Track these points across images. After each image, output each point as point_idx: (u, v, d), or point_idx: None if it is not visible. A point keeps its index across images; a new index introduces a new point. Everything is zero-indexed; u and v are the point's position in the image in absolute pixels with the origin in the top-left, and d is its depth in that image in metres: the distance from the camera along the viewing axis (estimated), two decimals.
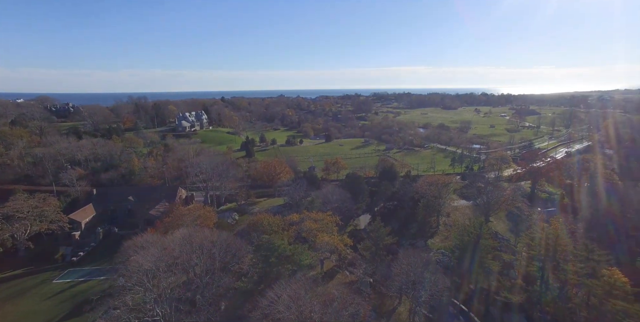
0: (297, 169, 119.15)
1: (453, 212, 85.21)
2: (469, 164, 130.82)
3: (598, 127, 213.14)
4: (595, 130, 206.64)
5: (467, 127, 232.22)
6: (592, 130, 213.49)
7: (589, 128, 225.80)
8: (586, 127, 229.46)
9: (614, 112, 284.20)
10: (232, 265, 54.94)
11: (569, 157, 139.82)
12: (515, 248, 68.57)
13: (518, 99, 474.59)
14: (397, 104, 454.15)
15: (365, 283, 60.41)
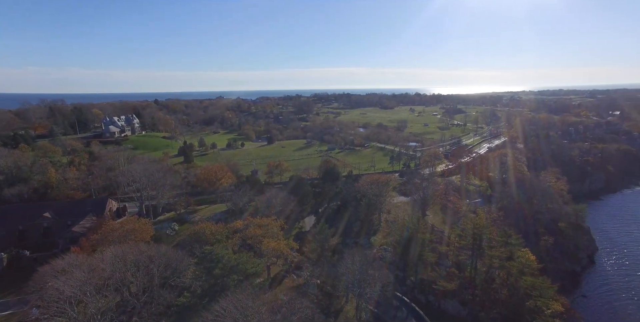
0: (239, 173, 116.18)
1: (393, 209, 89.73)
2: (406, 162, 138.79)
3: (511, 124, 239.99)
4: (509, 127, 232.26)
5: (404, 126, 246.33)
6: (506, 127, 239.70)
7: (505, 125, 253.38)
8: (503, 125, 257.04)
9: (522, 111, 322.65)
10: (172, 280, 51.79)
11: (490, 152, 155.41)
12: (449, 239, 74.26)
13: (447, 98, 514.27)
14: (337, 104, 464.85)
15: (313, 285, 60.97)
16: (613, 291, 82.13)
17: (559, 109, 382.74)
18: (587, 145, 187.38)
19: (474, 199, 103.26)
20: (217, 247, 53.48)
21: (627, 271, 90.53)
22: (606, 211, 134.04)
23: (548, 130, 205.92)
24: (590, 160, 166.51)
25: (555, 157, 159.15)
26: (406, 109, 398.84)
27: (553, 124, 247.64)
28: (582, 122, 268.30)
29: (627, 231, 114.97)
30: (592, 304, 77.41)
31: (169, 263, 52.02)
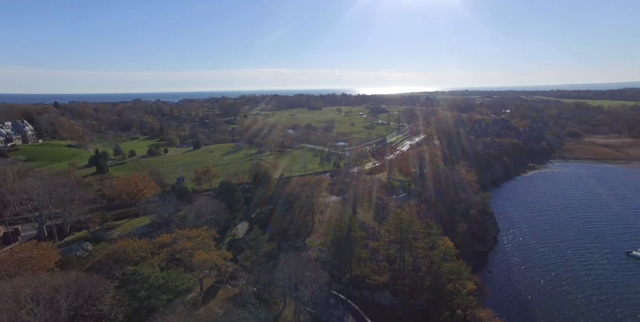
0: (163, 182, 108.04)
1: (326, 209, 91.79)
2: (336, 161, 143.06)
3: (428, 123, 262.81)
4: (426, 125, 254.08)
5: (332, 126, 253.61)
6: (424, 125, 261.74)
7: (423, 123, 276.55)
8: (421, 123, 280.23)
9: (437, 110, 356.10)
10: (86, 309, 45.97)
11: (412, 149, 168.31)
12: (379, 235, 78.51)
13: (371, 99, 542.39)
14: (265, 105, 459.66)
15: (249, 294, 59.44)
16: (511, 264, 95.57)
17: (466, 107, 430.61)
18: (488, 140, 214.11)
19: (399, 194, 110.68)
20: (142, 266, 48.98)
21: (520, 245, 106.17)
22: (504, 196, 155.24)
23: (458, 127, 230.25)
24: (492, 153, 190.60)
25: (465, 151, 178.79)
26: (334, 109, 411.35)
27: (462, 121, 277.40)
28: (484, 119, 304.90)
29: (519, 211, 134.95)
30: (496, 278, 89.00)
31: (81, 290, 46.05)
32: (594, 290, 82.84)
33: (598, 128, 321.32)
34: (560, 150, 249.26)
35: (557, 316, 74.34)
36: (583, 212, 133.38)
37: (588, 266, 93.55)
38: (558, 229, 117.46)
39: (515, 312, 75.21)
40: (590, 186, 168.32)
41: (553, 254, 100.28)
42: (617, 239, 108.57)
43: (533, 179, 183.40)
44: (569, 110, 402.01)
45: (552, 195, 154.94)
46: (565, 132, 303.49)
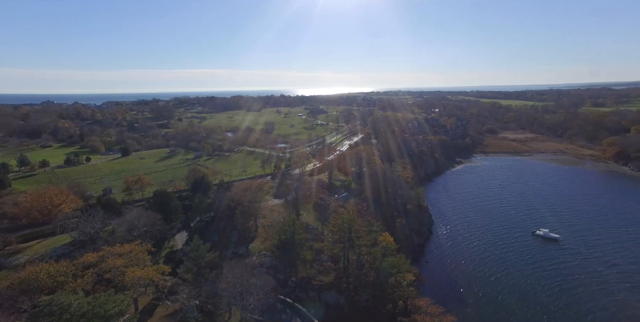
0: (86, 194, 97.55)
1: (269, 213, 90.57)
2: (277, 164, 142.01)
3: (366, 122, 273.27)
4: (364, 125, 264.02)
5: (271, 128, 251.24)
6: (362, 125, 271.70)
7: (361, 123, 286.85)
8: (359, 123, 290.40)
9: (373, 109, 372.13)
10: None
11: (351, 149, 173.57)
12: (322, 235, 79.59)
13: (310, 99, 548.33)
14: (201, 108, 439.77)
15: (191, 308, 56.30)
16: (444, 252, 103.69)
17: (400, 107, 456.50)
18: (421, 138, 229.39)
19: (341, 194, 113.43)
20: (61, 294, 43.48)
21: (451, 234, 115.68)
22: (436, 189, 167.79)
23: (394, 127, 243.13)
24: (424, 150, 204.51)
25: (400, 149, 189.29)
26: (273, 110, 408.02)
27: (397, 120, 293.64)
28: (416, 118, 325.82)
29: (449, 202, 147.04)
30: (432, 267, 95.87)
31: None
32: (509, 267, 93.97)
33: (509, 125, 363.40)
34: (481, 145, 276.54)
35: (483, 294, 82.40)
36: (499, 199, 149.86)
37: (503, 247, 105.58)
38: (480, 216, 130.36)
39: (449, 296, 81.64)
40: (504, 176, 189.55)
41: (477, 239, 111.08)
42: (525, 221, 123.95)
43: (460, 173, 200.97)
44: (487, 109, 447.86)
45: (475, 186, 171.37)
46: (484, 128, 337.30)
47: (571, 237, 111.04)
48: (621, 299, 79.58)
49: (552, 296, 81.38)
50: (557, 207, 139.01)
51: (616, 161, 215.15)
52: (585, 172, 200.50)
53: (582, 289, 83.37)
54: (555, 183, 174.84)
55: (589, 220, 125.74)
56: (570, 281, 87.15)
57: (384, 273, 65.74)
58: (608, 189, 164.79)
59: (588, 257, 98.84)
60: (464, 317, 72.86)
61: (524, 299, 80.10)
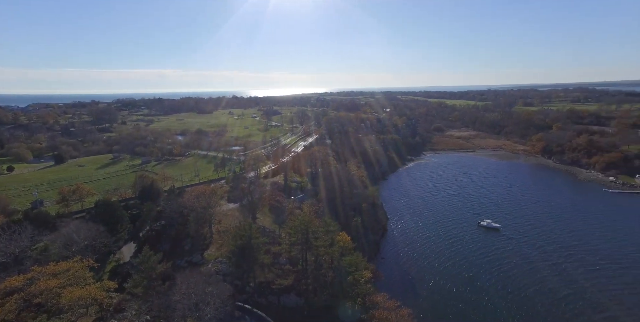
0: (9, 208, 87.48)
1: (224, 218, 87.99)
2: (232, 167, 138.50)
3: (320, 123, 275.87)
4: (318, 125, 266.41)
5: (224, 131, 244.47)
6: (316, 126, 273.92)
7: (315, 123, 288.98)
8: (313, 123, 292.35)
9: (327, 110, 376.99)
10: None
11: (306, 150, 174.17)
12: (280, 238, 78.95)
13: (264, 100, 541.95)
14: (148, 110, 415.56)
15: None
16: (399, 247, 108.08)
17: (352, 107, 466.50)
18: (374, 137, 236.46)
19: (297, 195, 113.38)
20: None
21: (404, 229, 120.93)
22: (389, 187, 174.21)
23: (347, 127, 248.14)
24: (377, 149, 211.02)
25: (354, 148, 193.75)
26: (225, 112, 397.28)
27: (350, 120, 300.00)
28: (368, 118, 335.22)
29: (402, 199, 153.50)
30: (388, 262, 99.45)
31: None
32: (457, 256, 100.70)
33: (454, 123, 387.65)
34: (430, 143, 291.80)
35: (434, 284, 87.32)
36: (447, 194, 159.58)
37: (452, 238, 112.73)
38: (430, 211, 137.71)
39: (404, 290, 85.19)
40: (451, 172, 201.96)
41: (427, 232, 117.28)
42: (471, 213, 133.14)
43: (412, 170, 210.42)
44: (434, 109, 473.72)
45: (425, 182, 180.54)
46: (432, 127, 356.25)
47: (509, 225, 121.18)
48: (544, 276, 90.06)
49: (493, 279, 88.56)
50: (497, 199, 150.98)
51: (542, 154, 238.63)
52: (519, 165, 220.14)
53: (516, 271, 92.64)
54: (495, 176, 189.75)
55: (522, 208, 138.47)
56: (507, 264, 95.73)
57: (342, 272, 66.77)
58: (537, 180, 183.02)
59: (520, 242, 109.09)
60: (418, 308, 76.46)
61: (470, 285, 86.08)
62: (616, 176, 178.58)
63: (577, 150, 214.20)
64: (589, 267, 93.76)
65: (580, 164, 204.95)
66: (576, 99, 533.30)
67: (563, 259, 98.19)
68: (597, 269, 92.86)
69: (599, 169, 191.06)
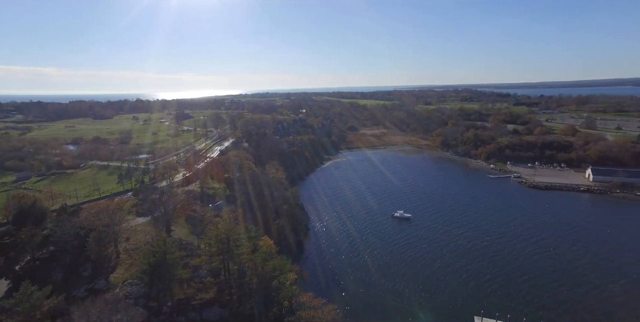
0: None
1: (133, 235, 79.44)
2: (139, 177, 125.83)
3: (235, 126, 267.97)
4: (234, 129, 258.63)
5: (129, 138, 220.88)
6: (232, 129, 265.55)
7: (231, 127, 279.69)
8: (229, 127, 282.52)
9: (243, 112, 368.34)
10: None
11: (222, 154, 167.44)
12: (199, 250, 74.33)
13: (173, 104, 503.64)
14: (22, 116, 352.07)
15: None
16: (321, 245, 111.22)
17: (268, 109, 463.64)
18: (291, 139, 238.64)
19: (216, 203, 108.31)
20: None
21: (325, 227, 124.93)
22: (309, 187, 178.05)
23: (264, 129, 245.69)
24: (295, 150, 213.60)
25: (272, 151, 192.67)
26: (128, 117, 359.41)
27: (267, 122, 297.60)
28: (285, 119, 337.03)
29: (321, 197, 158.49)
30: (312, 261, 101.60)
31: None
32: (374, 247, 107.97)
33: (366, 122, 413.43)
34: (346, 142, 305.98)
35: (356, 277, 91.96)
36: (363, 189, 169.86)
37: (368, 231, 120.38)
38: (348, 206, 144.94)
39: (329, 286, 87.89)
40: (366, 168, 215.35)
41: (347, 227, 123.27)
42: (385, 206, 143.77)
43: (329, 169, 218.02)
44: (347, 109, 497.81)
45: (342, 179, 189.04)
46: (347, 126, 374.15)
47: (418, 214, 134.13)
48: (443, 253, 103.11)
49: (407, 265, 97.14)
50: (408, 191, 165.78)
51: (442, 148, 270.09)
52: (424, 158, 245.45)
53: (422, 253, 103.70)
54: (404, 170, 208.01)
55: (428, 197, 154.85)
56: (418, 249, 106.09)
57: (267, 277, 65.90)
58: (438, 171, 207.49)
59: (428, 227, 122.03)
60: (343, 302, 79.67)
61: (387, 273, 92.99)
62: (494, 164, 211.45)
63: (467, 143, 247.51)
64: (476, 242, 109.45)
65: (470, 155, 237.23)
66: (464, 98, 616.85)
67: (457, 238, 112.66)
68: (483, 243, 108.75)
69: (483, 159, 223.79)
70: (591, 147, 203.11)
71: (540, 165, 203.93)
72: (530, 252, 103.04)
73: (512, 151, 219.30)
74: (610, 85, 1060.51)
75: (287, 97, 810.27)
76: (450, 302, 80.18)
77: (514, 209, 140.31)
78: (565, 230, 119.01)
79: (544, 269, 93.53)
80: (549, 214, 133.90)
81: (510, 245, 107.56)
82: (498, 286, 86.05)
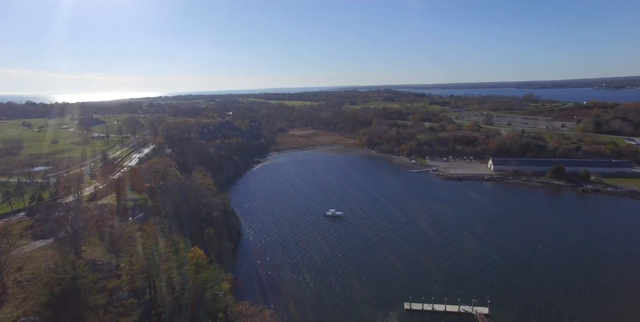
0: None
1: (28, 263, 68.11)
2: (35, 194, 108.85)
3: (156, 131, 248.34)
4: (155, 134, 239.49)
5: (18, 147, 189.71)
6: (152, 134, 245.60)
7: (151, 132, 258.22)
8: (148, 132, 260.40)
9: (163, 116, 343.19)
10: None
11: (142, 162, 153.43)
12: (118, 270, 66.93)
13: (76, 107, 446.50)
14: None
15: None
16: (255, 250, 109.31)
17: (192, 112, 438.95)
18: (218, 142, 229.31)
19: (137, 215, 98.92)
20: None
21: (258, 231, 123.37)
22: (239, 191, 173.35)
23: (189, 133, 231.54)
24: (223, 154, 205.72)
25: (198, 156, 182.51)
26: (16, 123, 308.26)
27: (191, 126, 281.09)
28: (211, 123, 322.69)
29: (252, 201, 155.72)
30: (246, 268, 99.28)
31: None
32: (308, 247, 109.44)
33: (295, 123, 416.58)
34: (275, 144, 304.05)
35: (291, 278, 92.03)
36: (294, 190, 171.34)
37: (301, 231, 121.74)
38: (280, 208, 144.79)
39: (265, 291, 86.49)
40: (296, 169, 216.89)
41: (280, 230, 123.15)
42: (317, 206, 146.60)
43: (259, 172, 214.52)
44: (275, 110, 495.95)
45: (273, 181, 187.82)
46: (275, 128, 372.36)
47: (350, 211, 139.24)
48: (372, 244, 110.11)
49: (340, 261, 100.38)
50: (338, 189, 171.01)
51: (368, 146, 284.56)
52: (352, 157, 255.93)
53: (353, 247, 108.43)
54: (334, 169, 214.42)
55: (358, 194, 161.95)
56: (350, 246, 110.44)
57: (199, 290, 62.12)
58: (366, 168, 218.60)
59: (359, 223, 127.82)
60: (280, 306, 78.91)
61: (321, 271, 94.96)
62: (415, 159, 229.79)
63: (390, 141, 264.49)
64: (403, 233, 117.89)
65: (394, 151, 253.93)
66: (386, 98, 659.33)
67: (386, 231, 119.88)
68: (409, 234, 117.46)
69: (405, 155, 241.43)
70: (491, 141, 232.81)
71: (453, 158, 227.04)
72: (447, 238, 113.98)
73: (430, 147, 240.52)
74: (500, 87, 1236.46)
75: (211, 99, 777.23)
76: (382, 292, 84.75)
77: (434, 200, 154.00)
78: (475, 215, 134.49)
79: (460, 251, 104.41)
80: (462, 202, 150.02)
81: (433, 233, 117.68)
82: (423, 272, 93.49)
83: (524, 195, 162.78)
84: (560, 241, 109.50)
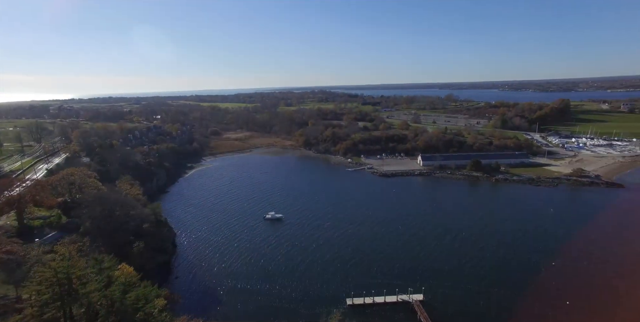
0: None
1: None
2: None
3: (69, 138, 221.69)
4: (68, 141, 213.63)
5: None
6: (64, 142, 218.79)
7: (62, 139, 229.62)
8: (59, 139, 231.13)
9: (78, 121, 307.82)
10: None
11: (52, 174, 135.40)
12: (19, 303, 58.12)
13: None
14: None
15: None
16: (193, 261, 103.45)
17: (114, 116, 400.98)
18: (146, 149, 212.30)
19: (47, 235, 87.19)
20: None
21: (195, 240, 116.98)
22: (172, 199, 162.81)
23: (110, 140, 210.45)
24: (152, 161, 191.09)
25: (123, 164, 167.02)
26: None
27: (113, 132, 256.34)
28: (137, 127, 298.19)
29: (187, 209, 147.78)
30: (184, 280, 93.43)
31: None
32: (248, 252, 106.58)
33: (229, 126, 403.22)
34: (209, 148, 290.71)
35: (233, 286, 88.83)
36: (231, 195, 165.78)
37: (240, 237, 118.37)
38: (218, 214, 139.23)
39: (206, 302, 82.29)
40: (232, 173, 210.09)
41: (218, 237, 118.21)
42: (255, 209, 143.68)
43: (193, 178, 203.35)
44: (208, 113, 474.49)
45: (208, 187, 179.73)
46: (209, 131, 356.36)
47: (289, 213, 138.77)
48: (311, 241, 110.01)
49: (280, 264, 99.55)
50: (277, 191, 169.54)
51: (305, 147, 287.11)
52: (289, 158, 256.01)
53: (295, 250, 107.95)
54: (271, 171, 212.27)
55: (297, 195, 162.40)
56: (290, 247, 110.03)
57: (129, 311, 56.72)
58: (304, 169, 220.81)
59: (299, 224, 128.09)
60: (221, 316, 75.72)
61: (262, 275, 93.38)
62: (351, 158, 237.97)
63: (327, 141, 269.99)
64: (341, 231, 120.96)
65: (330, 151, 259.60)
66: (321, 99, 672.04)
67: (325, 230, 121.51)
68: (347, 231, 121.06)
69: (341, 154, 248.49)
70: (419, 138, 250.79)
71: (386, 156, 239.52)
72: (382, 232, 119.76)
73: (364, 145, 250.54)
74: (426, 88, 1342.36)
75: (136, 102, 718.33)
76: (324, 290, 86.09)
77: (369, 196, 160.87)
78: (406, 208, 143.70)
79: (392, 244, 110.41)
80: (395, 197, 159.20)
81: (367, 228, 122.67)
82: (361, 267, 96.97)
83: (449, 187, 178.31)
84: (476, 226, 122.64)
